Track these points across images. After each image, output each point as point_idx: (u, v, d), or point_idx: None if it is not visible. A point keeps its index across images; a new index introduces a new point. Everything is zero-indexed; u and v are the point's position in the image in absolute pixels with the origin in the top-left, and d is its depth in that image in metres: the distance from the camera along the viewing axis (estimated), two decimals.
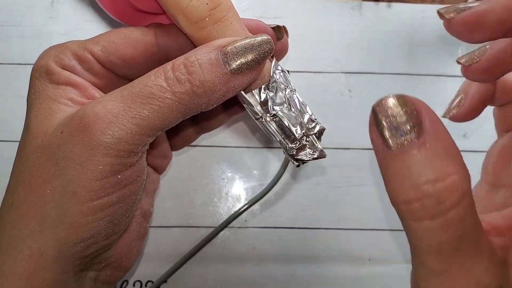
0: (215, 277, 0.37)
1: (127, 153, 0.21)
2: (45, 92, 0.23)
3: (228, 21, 0.22)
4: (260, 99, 0.23)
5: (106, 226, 0.22)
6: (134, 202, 0.23)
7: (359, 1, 0.42)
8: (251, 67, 0.21)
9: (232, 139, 0.39)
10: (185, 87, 0.20)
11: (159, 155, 0.30)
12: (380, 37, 0.42)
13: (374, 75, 0.41)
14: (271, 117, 0.23)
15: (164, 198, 0.38)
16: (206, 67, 0.21)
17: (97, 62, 0.24)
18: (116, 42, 0.24)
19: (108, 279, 0.25)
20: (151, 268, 0.36)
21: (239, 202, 0.38)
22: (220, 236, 0.37)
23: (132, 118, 0.20)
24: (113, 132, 0.20)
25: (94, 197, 0.20)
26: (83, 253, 0.21)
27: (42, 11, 0.40)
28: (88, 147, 0.20)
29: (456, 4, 0.21)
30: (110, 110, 0.20)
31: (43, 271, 0.21)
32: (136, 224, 0.27)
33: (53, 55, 0.23)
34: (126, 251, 0.26)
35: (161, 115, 0.21)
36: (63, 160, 0.20)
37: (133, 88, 0.21)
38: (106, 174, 0.20)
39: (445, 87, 0.41)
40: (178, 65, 0.21)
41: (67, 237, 0.21)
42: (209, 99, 0.21)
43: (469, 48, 0.42)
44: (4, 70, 0.39)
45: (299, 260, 0.37)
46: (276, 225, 0.38)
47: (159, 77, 0.21)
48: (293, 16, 0.41)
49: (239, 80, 0.21)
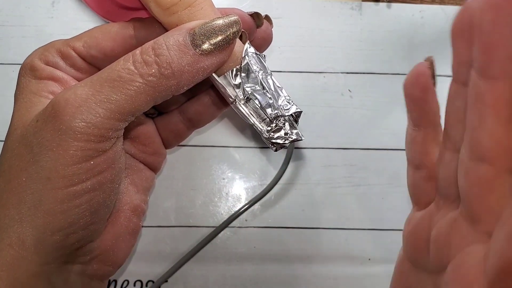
0: (215, 277, 0.37)
1: (98, 138, 0.21)
2: (28, 87, 0.23)
3: (199, 5, 0.22)
4: (233, 82, 0.23)
5: (83, 214, 0.22)
6: (111, 191, 0.23)
7: (359, 1, 0.43)
8: (219, 47, 0.22)
9: (232, 139, 0.39)
10: (152, 69, 0.21)
11: (150, 152, 0.30)
12: (380, 37, 0.42)
13: (374, 75, 0.41)
14: (244, 100, 0.23)
15: (164, 198, 0.38)
16: (173, 49, 0.21)
17: (79, 57, 0.24)
18: (96, 36, 0.24)
19: (96, 273, 0.25)
20: (151, 268, 0.36)
21: (239, 202, 0.38)
22: (221, 236, 0.37)
23: (101, 102, 0.20)
24: (82, 116, 0.20)
25: (67, 183, 0.21)
26: (63, 242, 0.22)
27: (43, 12, 0.40)
28: (59, 132, 0.20)
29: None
30: (80, 95, 0.20)
31: (24, 261, 0.21)
32: (125, 219, 0.27)
33: (38, 53, 0.24)
34: (113, 245, 0.26)
35: (130, 98, 0.21)
36: (37, 146, 0.21)
37: (102, 73, 0.21)
38: (78, 159, 0.20)
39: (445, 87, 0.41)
40: (147, 48, 0.21)
41: (44, 225, 0.21)
42: (178, 81, 0.21)
43: None
44: (4, 70, 0.39)
45: (299, 260, 0.37)
46: (276, 225, 0.38)
47: (127, 61, 0.21)
48: (293, 16, 0.41)
49: (208, 61, 0.22)
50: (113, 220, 0.26)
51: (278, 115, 0.23)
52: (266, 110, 0.23)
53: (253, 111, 0.23)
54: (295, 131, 0.24)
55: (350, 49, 0.42)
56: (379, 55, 0.42)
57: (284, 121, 0.24)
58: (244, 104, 0.23)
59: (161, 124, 0.30)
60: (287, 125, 0.24)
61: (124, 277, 0.36)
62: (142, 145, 0.29)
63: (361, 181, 0.39)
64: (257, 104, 0.23)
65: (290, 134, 0.24)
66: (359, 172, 0.39)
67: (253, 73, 0.23)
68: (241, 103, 0.23)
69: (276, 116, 0.23)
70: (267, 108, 0.23)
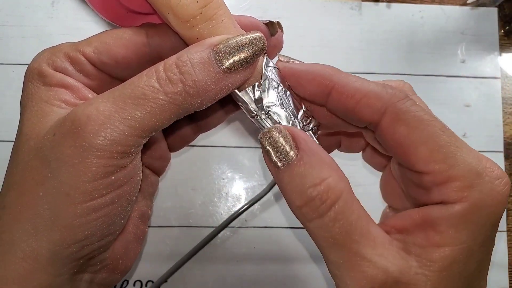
0: (215, 277, 0.37)
1: (120, 155, 0.20)
2: (37, 95, 0.22)
3: (220, 18, 0.22)
4: (254, 97, 0.23)
5: (100, 227, 0.21)
6: (129, 203, 0.23)
7: (358, 1, 0.43)
8: (244, 65, 0.21)
9: (232, 139, 0.39)
10: (177, 87, 0.20)
11: (156, 156, 0.29)
12: (380, 37, 0.42)
13: (374, 75, 0.41)
14: (266, 115, 0.23)
15: (164, 198, 0.38)
16: (198, 67, 0.20)
17: (89, 63, 0.23)
18: (108, 42, 0.23)
19: (104, 282, 0.25)
20: (151, 268, 0.36)
21: (239, 202, 0.38)
22: (220, 236, 0.37)
23: (125, 119, 0.20)
24: (106, 134, 0.20)
25: (87, 198, 0.20)
26: (77, 254, 0.21)
27: (43, 12, 0.40)
28: (81, 149, 0.20)
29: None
30: (102, 112, 0.20)
31: (37, 273, 0.20)
32: (133, 226, 0.27)
33: (45, 58, 0.23)
34: (122, 253, 0.26)
35: (154, 116, 0.20)
36: (55, 162, 0.20)
37: (124, 89, 0.21)
38: (99, 175, 0.20)
39: (444, 87, 0.41)
40: (170, 65, 0.21)
41: (61, 238, 0.20)
42: (202, 99, 0.21)
43: (468, 48, 0.43)
44: (4, 70, 0.39)
45: (299, 260, 0.37)
46: (276, 225, 0.38)
47: (151, 78, 0.21)
48: (293, 16, 0.41)
49: (232, 79, 0.21)
50: (123, 229, 0.26)
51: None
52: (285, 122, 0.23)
53: (272, 124, 0.24)
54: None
55: (349, 49, 0.42)
56: (378, 55, 0.42)
57: None
58: (266, 119, 0.23)
59: (168, 129, 0.29)
60: None
61: (124, 277, 0.36)
62: (149, 150, 0.28)
63: (361, 181, 0.38)
64: (277, 119, 0.23)
65: None
66: (359, 172, 0.39)
67: (272, 89, 0.23)
68: (263, 118, 0.23)
69: None
70: (287, 123, 0.23)
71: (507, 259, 0.39)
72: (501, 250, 0.39)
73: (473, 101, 0.42)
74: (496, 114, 0.42)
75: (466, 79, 0.42)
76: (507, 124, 0.42)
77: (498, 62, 0.43)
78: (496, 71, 0.42)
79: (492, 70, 0.42)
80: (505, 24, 0.43)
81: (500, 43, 0.43)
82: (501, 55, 0.43)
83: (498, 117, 0.42)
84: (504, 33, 0.43)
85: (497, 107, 0.42)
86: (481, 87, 0.42)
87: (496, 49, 0.43)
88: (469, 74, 0.42)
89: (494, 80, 0.42)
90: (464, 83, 0.42)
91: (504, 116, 0.42)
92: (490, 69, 0.42)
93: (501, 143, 0.41)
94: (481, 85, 0.42)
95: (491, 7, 0.43)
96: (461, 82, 0.42)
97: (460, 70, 0.42)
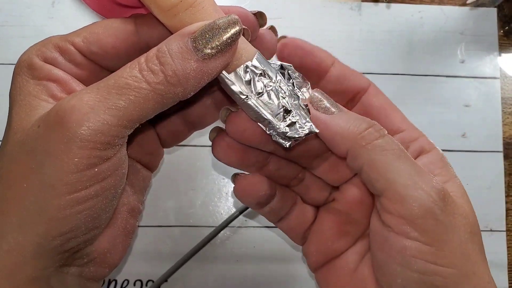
0: (215, 277, 0.37)
1: (104, 145, 0.20)
2: (26, 88, 0.22)
3: (200, 5, 0.22)
4: (244, 78, 0.23)
5: (85, 220, 0.21)
6: (114, 197, 0.23)
7: (358, 2, 0.43)
8: (222, 50, 0.21)
9: None
10: (159, 77, 0.21)
11: (147, 151, 0.29)
12: (379, 37, 0.42)
13: (374, 75, 0.41)
14: (257, 95, 0.23)
15: (164, 198, 0.38)
16: (176, 56, 0.21)
17: (79, 53, 0.24)
18: (97, 32, 0.24)
19: (93, 276, 0.25)
20: (151, 267, 0.36)
21: (239, 202, 0.38)
22: (220, 236, 0.37)
23: (108, 109, 0.20)
24: (89, 124, 0.20)
25: (71, 190, 0.20)
26: (62, 247, 0.21)
27: (43, 12, 0.40)
28: (64, 140, 0.20)
29: None
30: (86, 102, 0.20)
31: (23, 266, 0.20)
32: (122, 220, 0.27)
33: (35, 49, 0.23)
34: (110, 247, 0.26)
35: (138, 105, 0.21)
36: (40, 154, 0.20)
37: (109, 80, 0.21)
38: (83, 167, 0.20)
39: (444, 87, 0.41)
40: (151, 56, 0.21)
41: (46, 231, 0.20)
42: (184, 88, 0.21)
43: (468, 48, 0.43)
44: (4, 70, 0.39)
45: (299, 260, 0.37)
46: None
47: (133, 69, 0.21)
48: (293, 16, 0.42)
49: (212, 65, 0.21)
50: (110, 222, 0.26)
51: (291, 109, 0.23)
52: (279, 103, 0.23)
53: (265, 106, 0.23)
54: (309, 123, 0.24)
55: (349, 49, 0.42)
56: (378, 55, 0.42)
57: (297, 115, 0.24)
58: (258, 99, 0.23)
59: (161, 125, 0.30)
60: (302, 118, 0.24)
61: (124, 277, 0.36)
62: (139, 146, 0.28)
63: None
64: (270, 98, 0.23)
65: (304, 128, 0.24)
66: None
67: (263, 69, 0.23)
68: (254, 99, 0.23)
69: (289, 110, 0.23)
70: (280, 101, 0.23)
71: (507, 259, 0.39)
72: (501, 250, 0.39)
73: (472, 101, 0.42)
74: (495, 114, 0.42)
75: (466, 79, 0.42)
76: (507, 124, 0.42)
77: (497, 62, 0.43)
78: (495, 71, 0.42)
79: (492, 70, 0.42)
80: (504, 24, 0.44)
81: (499, 43, 0.43)
82: (500, 55, 0.43)
83: (497, 117, 0.42)
84: (503, 33, 0.43)
85: (497, 107, 0.42)
86: (481, 87, 0.42)
87: (496, 49, 0.43)
88: (468, 74, 0.42)
89: (494, 80, 0.42)
90: (463, 83, 0.42)
91: (504, 116, 0.42)
92: (489, 69, 0.42)
93: (501, 143, 0.41)
94: (480, 85, 0.42)
95: (491, 7, 0.43)
96: (460, 82, 0.42)
97: (459, 70, 0.42)
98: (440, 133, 0.41)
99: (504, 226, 0.40)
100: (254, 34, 0.26)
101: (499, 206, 0.40)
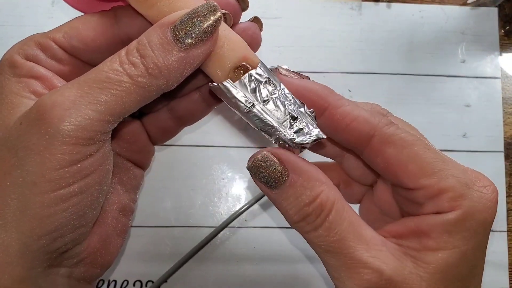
0: (215, 277, 0.37)
1: (87, 141, 0.20)
2: (8, 87, 0.22)
3: None
4: (249, 87, 0.23)
5: (70, 217, 0.21)
6: (99, 193, 0.22)
7: (358, 1, 0.43)
8: (202, 38, 0.21)
9: (232, 139, 0.39)
10: (140, 70, 0.20)
11: (137, 149, 0.29)
12: (380, 37, 0.42)
13: (374, 75, 0.41)
14: (262, 103, 0.23)
15: (164, 198, 0.38)
16: (157, 48, 0.20)
17: (60, 48, 0.23)
18: (77, 27, 0.23)
19: (84, 276, 0.25)
20: (151, 268, 0.36)
21: (239, 202, 0.38)
22: (220, 236, 0.37)
23: (90, 103, 0.20)
24: (71, 119, 0.19)
25: (54, 187, 0.20)
26: (49, 247, 0.21)
27: (43, 12, 0.40)
28: (46, 136, 0.19)
29: None
30: (67, 97, 0.20)
31: (8, 266, 0.20)
32: (112, 219, 0.26)
33: (16, 48, 0.23)
34: (100, 247, 0.25)
35: (120, 99, 0.20)
36: (22, 150, 0.20)
37: (89, 75, 0.21)
38: (65, 163, 0.20)
39: (444, 87, 0.41)
40: (132, 49, 0.21)
41: (30, 229, 0.20)
42: (167, 79, 0.21)
43: (469, 48, 0.43)
44: None
45: (299, 260, 0.37)
46: (276, 225, 0.38)
47: (114, 62, 0.21)
48: (293, 16, 0.41)
49: (194, 54, 0.21)
50: (100, 221, 0.26)
51: (297, 115, 0.23)
52: (285, 110, 0.23)
53: (271, 113, 0.23)
54: (316, 130, 0.24)
55: (350, 49, 0.42)
56: (379, 55, 0.42)
57: (304, 122, 0.24)
58: (262, 107, 0.23)
59: (149, 122, 0.29)
60: (307, 124, 0.24)
61: (124, 277, 0.36)
62: (127, 143, 0.28)
63: None
64: (276, 106, 0.23)
65: (311, 134, 0.24)
66: None
67: (267, 77, 0.23)
68: (261, 106, 0.23)
69: (295, 117, 0.23)
70: (286, 108, 0.23)
71: (507, 259, 0.39)
72: (501, 250, 0.39)
73: (473, 101, 0.42)
74: (496, 114, 0.42)
75: (466, 79, 0.42)
76: (507, 124, 0.42)
77: (498, 62, 0.43)
78: (496, 71, 0.42)
79: (492, 70, 0.42)
80: (505, 24, 0.43)
81: (500, 43, 0.43)
82: (501, 55, 0.43)
83: (498, 117, 0.42)
84: (504, 33, 0.43)
85: (497, 107, 0.42)
86: (481, 87, 0.42)
87: (496, 49, 0.43)
88: (469, 74, 0.42)
89: (494, 80, 0.42)
90: (464, 83, 0.42)
91: (504, 116, 0.42)
92: (490, 69, 0.42)
93: (501, 143, 0.41)
94: (481, 85, 0.42)
95: (491, 7, 0.43)
96: (461, 82, 0.42)
97: (460, 70, 0.42)
98: (441, 133, 0.41)
99: (505, 226, 0.40)
100: (236, 18, 0.26)
101: (500, 206, 0.40)
